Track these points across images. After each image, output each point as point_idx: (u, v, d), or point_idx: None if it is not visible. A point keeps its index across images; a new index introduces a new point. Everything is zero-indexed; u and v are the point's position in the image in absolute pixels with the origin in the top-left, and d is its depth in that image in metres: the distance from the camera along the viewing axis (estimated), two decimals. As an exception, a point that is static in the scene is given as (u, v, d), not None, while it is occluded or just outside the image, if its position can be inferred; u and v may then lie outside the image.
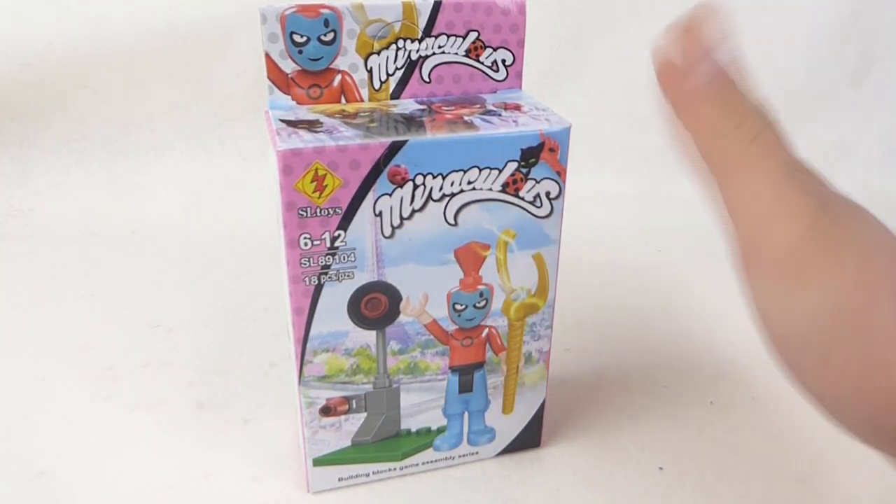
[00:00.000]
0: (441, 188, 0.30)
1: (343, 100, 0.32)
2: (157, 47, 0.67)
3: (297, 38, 0.30)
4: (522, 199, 0.31)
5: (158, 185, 0.68)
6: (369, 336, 0.32)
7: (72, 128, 0.69)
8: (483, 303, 0.33)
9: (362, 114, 0.31)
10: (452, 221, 0.30)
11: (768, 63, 0.73)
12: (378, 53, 0.31)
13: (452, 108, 0.31)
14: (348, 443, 0.34)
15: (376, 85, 0.32)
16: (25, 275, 0.55)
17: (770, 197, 0.24)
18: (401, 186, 0.29)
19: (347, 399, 0.33)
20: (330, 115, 0.30)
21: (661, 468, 0.37)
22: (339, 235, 0.29)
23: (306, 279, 0.30)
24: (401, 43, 0.31)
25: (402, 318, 0.32)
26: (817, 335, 0.23)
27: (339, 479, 0.35)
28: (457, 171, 0.29)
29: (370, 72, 0.31)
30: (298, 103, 0.31)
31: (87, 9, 0.66)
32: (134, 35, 0.67)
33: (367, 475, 0.36)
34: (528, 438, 0.38)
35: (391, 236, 0.30)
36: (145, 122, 0.70)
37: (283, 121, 0.30)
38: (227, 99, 0.70)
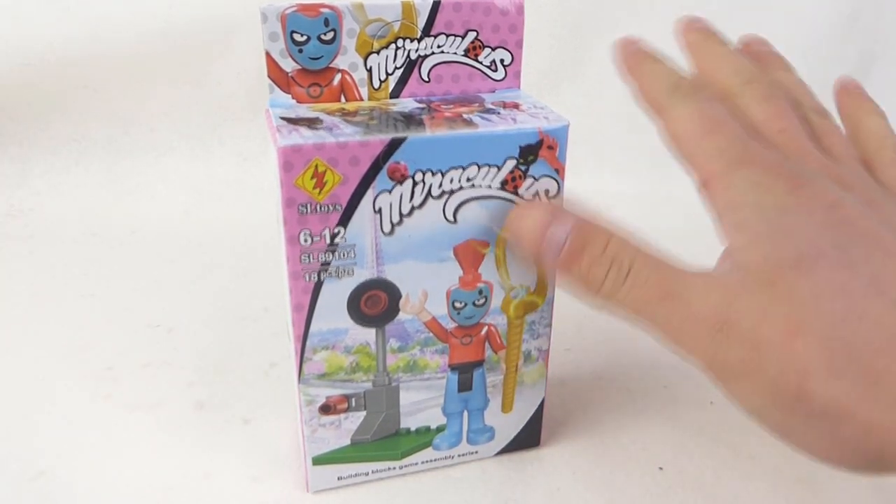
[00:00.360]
0: (440, 185, 0.30)
1: (343, 98, 0.32)
2: (157, 47, 0.67)
3: (298, 37, 0.30)
4: (521, 196, 0.31)
5: (158, 185, 0.68)
6: (369, 334, 0.32)
7: (72, 128, 0.69)
8: (482, 300, 0.33)
9: (362, 112, 0.31)
10: (452, 218, 0.30)
11: (768, 63, 0.73)
12: (377, 53, 0.31)
13: (451, 106, 0.32)
14: (348, 441, 0.34)
15: (376, 84, 0.32)
16: (25, 275, 0.55)
17: (675, 327, 0.27)
18: (400, 183, 0.29)
19: (347, 397, 0.33)
20: (330, 114, 0.30)
21: (661, 468, 0.37)
22: (339, 232, 0.29)
23: (306, 276, 0.30)
24: (400, 42, 0.31)
25: (401, 315, 0.32)
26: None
27: (338, 479, 0.35)
28: (456, 168, 0.29)
29: (370, 71, 0.32)
30: (298, 102, 0.31)
31: (87, 9, 0.66)
32: (134, 35, 0.67)
33: (367, 474, 0.36)
34: (528, 438, 0.38)
35: (391, 233, 0.30)
36: (145, 122, 0.70)
37: (283, 118, 0.30)
38: (227, 99, 0.70)
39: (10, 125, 0.68)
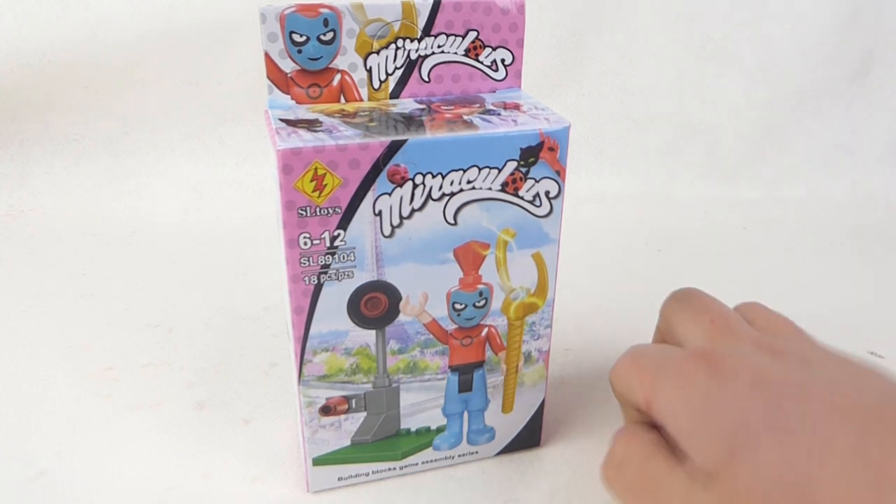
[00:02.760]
0: (441, 187, 0.30)
1: (342, 99, 0.32)
2: (157, 47, 0.67)
3: (297, 38, 0.30)
4: (522, 198, 0.31)
5: (158, 185, 0.68)
6: (369, 335, 0.32)
7: (72, 128, 0.69)
8: (482, 302, 0.33)
9: (361, 113, 0.31)
10: (452, 221, 0.30)
11: (768, 63, 0.73)
12: (377, 53, 0.31)
13: (452, 107, 0.31)
14: (348, 442, 0.34)
15: (375, 84, 0.32)
16: (25, 275, 0.55)
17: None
18: (400, 186, 0.29)
19: (347, 398, 0.33)
20: (329, 115, 0.30)
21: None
22: (339, 235, 0.29)
23: (306, 278, 0.30)
24: (400, 42, 0.31)
25: (401, 317, 0.32)
26: None
27: (338, 479, 0.35)
28: (456, 170, 0.29)
29: (369, 71, 0.32)
30: (298, 103, 0.31)
31: (87, 9, 0.66)
32: (134, 35, 0.67)
33: (367, 475, 0.36)
34: (528, 438, 0.38)
35: (391, 235, 0.30)
36: (145, 122, 0.70)
37: (282, 120, 0.30)
38: (227, 99, 0.70)
39: (10, 125, 0.68)
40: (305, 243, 0.29)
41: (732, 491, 0.24)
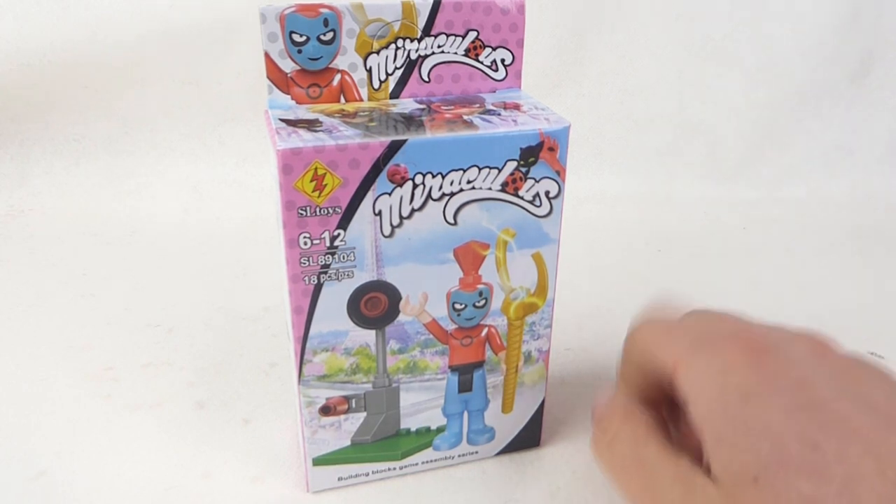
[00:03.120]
0: (440, 187, 0.30)
1: (342, 99, 0.32)
2: (157, 47, 0.67)
3: (297, 38, 0.30)
4: (522, 198, 0.31)
5: (158, 185, 0.68)
6: (369, 335, 0.32)
7: (72, 128, 0.69)
8: (482, 302, 0.33)
9: (361, 113, 0.31)
10: (452, 221, 0.30)
11: (768, 63, 0.73)
12: (377, 53, 0.31)
13: (452, 107, 0.31)
14: (348, 442, 0.34)
15: (375, 84, 0.32)
16: (25, 275, 0.55)
17: (636, 487, 0.27)
18: (400, 186, 0.29)
19: (347, 398, 0.33)
20: (329, 115, 0.30)
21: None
22: (339, 235, 0.29)
23: (306, 278, 0.30)
24: (400, 42, 0.31)
25: (401, 317, 0.32)
26: None
27: (338, 479, 0.35)
28: (456, 170, 0.29)
29: (369, 71, 0.32)
30: (298, 103, 0.31)
31: (87, 9, 0.66)
32: (134, 35, 0.67)
33: (367, 475, 0.36)
34: (528, 438, 0.38)
35: (391, 235, 0.30)
36: (145, 122, 0.70)
37: (282, 120, 0.30)
38: (227, 99, 0.70)
39: (10, 125, 0.68)
40: (305, 243, 0.29)
41: None
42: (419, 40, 0.32)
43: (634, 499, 0.27)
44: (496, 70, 0.33)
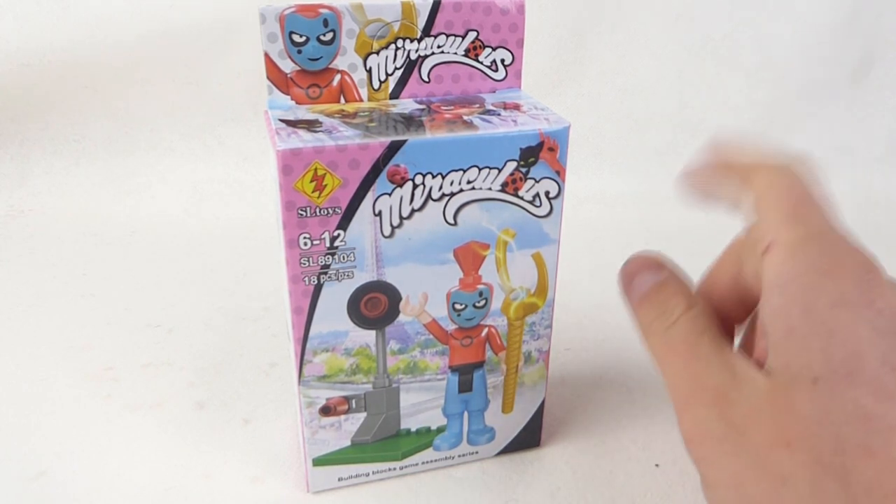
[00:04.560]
0: (440, 188, 0.30)
1: (342, 99, 0.32)
2: (157, 47, 0.67)
3: (297, 38, 0.30)
4: (522, 198, 0.31)
5: (158, 185, 0.68)
6: (369, 336, 0.32)
7: (72, 128, 0.69)
8: (482, 302, 0.33)
9: (361, 113, 0.31)
10: (452, 221, 0.30)
11: (768, 63, 0.73)
12: (377, 53, 0.31)
13: (451, 107, 0.31)
14: (348, 442, 0.34)
15: (375, 85, 0.32)
16: (25, 275, 0.55)
17: (682, 387, 0.26)
18: (400, 186, 0.29)
19: (347, 399, 0.33)
20: (329, 115, 0.30)
21: (657, 465, 0.37)
22: (339, 235, 0.29)
23: (306, 279, 0.30)
24: (400, 42, 0.31)
25: (401, 317, 0.32)
26: None
27: (338, 479, 0.35)
28: (456, 170, 0.29)
29: (369, 71, 0.31)
30: (298, 103, 0.31)
31: (87, 9, 0.66)
32: (134, 35, 0.67)
33: (367, 475, 0.36)
34: (528, 438, 0.38)
35: (391, 236, 0.30)
36: (145, 122, 0.69)
37: (282, 120, 0.30)
38: (227, 99, 0.70)
39: (10, 125, 0.68)
40: (305, 243, 0.29)
41: (789, 409, 0.22)
42: (419, 40, 0.32)
43: (676, 386, 0.26)
44: (496, 70, 0.33)
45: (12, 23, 0.65)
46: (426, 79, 0.32)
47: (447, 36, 0.32)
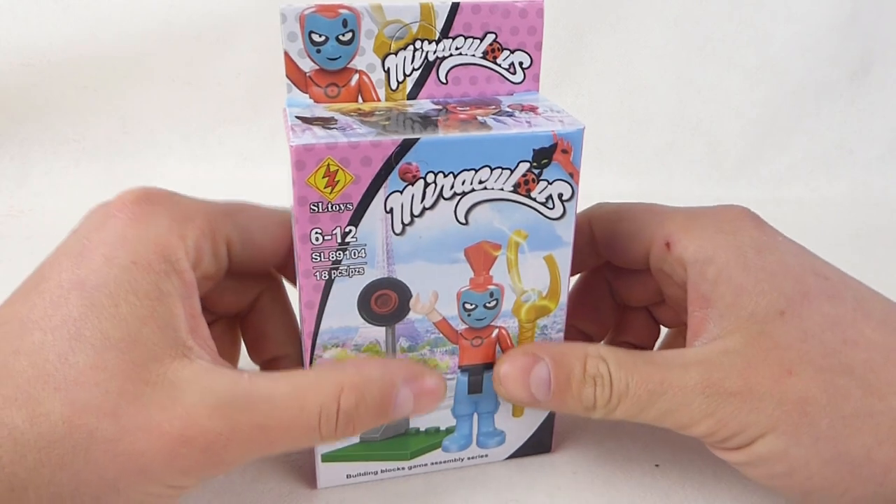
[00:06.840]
0: (452, 187, 0.30)
1: (360, 99, 0.32)
2: (157, 47, 0.67)
3: (316, 38, 0.30)
4: (534, 199, 0.31)
5: (158, 185, 0.68)
6: (379, 332, 0.32)
7: (72, 128, 0.68)
8: (493, 303, 0.33)
9: (378, 112, 0.31)
10: (463, 220, 0.30)
11: (768, 63, 0.73)
12: (395, 54, 0.31)
13: (467, 108, 0.31)
14: (357, 439, 0.34)
15: (393, 85, 0.32)
16: (25, 275, 0.55)
17: (664, 418, 0.30)
18: (412, 184, 0.29)
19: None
20: (346, 114, 0.30)
21: (657, 465, 0.37)
22: (350, 231, 0.29)
23: (317, 274, 0.30)
24: (418, 44, 0.31)
25: (411, 315, 0.32)
26: None
27: (347, 476, 0.35)
28: (468, 170, 0.29)
29: (387, 72, 0.31)
30: (316, 102, 0.31)
31: (87, 9, 0.65)
32: (134, 35, 0.66)
33: (376, 473, 0.35)
34: (539, 443, 0.37)
35: (402, 233, 0.30)
36: (145, 122, 0.69)
37: (298, 117, 0.30)
38: (227, 99, 0.70)
39: (10, 125, 0.68)
40: (317, 239, 0.29)
41: (774, 344, 0.26)
42: (437, 42, 0.31)
43: (671, 420, 0.29)
44: (514, 73, 0.33)
45: (12, 23, 0.65)
46: (444, 80, 0.32)
47: (465, 38, 0.32)
